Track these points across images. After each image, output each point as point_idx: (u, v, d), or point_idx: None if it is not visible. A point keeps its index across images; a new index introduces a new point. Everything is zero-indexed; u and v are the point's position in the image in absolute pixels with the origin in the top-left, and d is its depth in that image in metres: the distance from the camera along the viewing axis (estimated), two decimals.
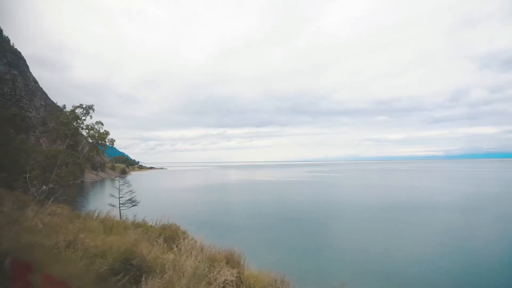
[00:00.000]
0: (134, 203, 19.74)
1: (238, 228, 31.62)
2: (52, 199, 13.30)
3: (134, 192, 19.84)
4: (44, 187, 14.51)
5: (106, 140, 15.47)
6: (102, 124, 15.66)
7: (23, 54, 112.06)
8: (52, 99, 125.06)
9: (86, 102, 17.43)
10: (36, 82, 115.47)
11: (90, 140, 15.65)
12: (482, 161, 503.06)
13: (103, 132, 15.42)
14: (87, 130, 15.42)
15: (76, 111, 15.41)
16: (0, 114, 20.94)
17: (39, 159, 14.71)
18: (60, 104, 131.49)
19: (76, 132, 15.16)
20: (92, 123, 15.62)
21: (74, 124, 15.11)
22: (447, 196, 56.16)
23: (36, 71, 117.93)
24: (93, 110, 15.70)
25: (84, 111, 15.55)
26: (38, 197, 12.78)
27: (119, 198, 19.45)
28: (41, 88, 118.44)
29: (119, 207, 18.79)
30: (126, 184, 19.74)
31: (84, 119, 15.51)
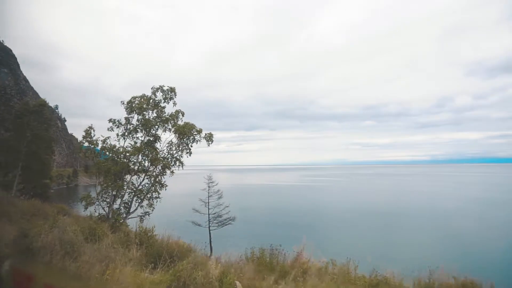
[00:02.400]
0: (227, 222, 15.16)
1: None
2: (127, 218, 9.33)
3: (227, 206, 15.26)
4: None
5: (202, 136, 11.35)
6: (183, 114, 11.60)
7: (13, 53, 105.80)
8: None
9: (74, 103, 13.30)
10: (26, 81, 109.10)
11: (177, 136, 11.37)
12: (470, 166, 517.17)
13: (189, 124, 11.32)
14: (167, 122, 11.29)
15: (156, 95, 11.34)
16: (23, 105, 16.66)
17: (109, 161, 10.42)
18: (51, 105, 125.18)
19: (157, 123, 11.10)
20: (173, 112, 11.61)
21: (154, 112, 11.07)
22: (460, 202, 57.05)
23: (25, 72, 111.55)
24: (176, 95, 11.68)
25: (165, 96, 11.51)
26: (110, 216, 8.78)
27: (209, 214, 14.89)
28: (32, 88, 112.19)
29: (209, 226, 14.36)
30: (216, 195, 15.26)
31: (164, 107, 11.51)
